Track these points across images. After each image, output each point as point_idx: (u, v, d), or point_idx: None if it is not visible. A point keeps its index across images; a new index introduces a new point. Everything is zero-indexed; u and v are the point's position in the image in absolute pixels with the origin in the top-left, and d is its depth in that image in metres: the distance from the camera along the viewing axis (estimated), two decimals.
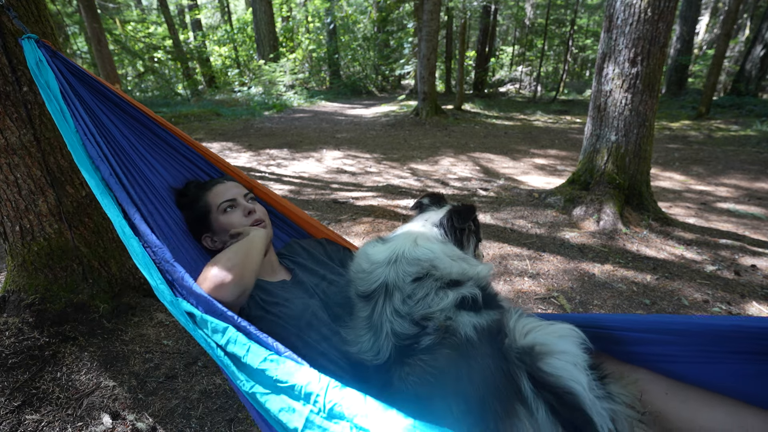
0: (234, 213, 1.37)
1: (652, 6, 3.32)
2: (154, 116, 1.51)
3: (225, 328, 0.91)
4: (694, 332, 0.99)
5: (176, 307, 0.95)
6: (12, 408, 1.67)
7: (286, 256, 1.45)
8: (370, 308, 1.09)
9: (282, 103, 13.43)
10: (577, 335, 0.97)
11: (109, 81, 8.71)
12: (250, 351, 0.87)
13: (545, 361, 0.91)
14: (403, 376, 0.98)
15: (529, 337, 0.97)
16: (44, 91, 1.20)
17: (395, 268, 1.09)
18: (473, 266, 1.14)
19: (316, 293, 1.29)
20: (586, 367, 0.91)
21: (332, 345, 1.14)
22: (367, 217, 4.01)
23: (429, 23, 9.44)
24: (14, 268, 2.07)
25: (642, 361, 1.06)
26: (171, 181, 1.50)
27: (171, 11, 17.21)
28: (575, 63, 24.02)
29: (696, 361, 1.00)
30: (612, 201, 3.71)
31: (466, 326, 1.01)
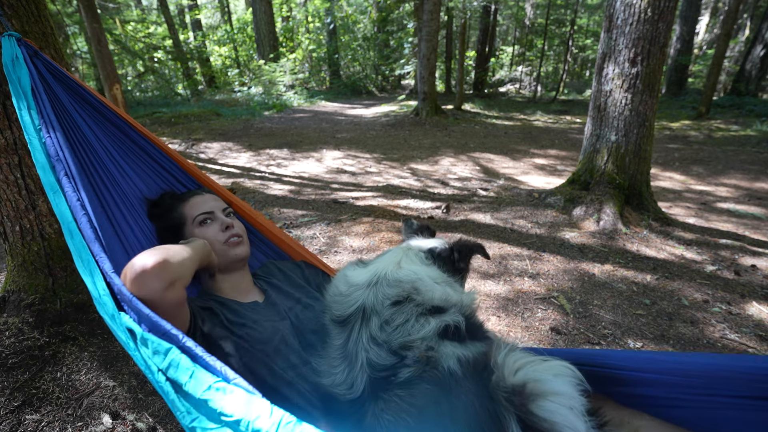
0: (211, 227, 1.29)
1: (652, 6, 3.32)
2: (134, 124, 1.47)
3: (167, 349, 0.80)
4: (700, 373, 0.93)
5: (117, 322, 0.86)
6: (12, 408, 1.67)
7: (261, 277, 1.39)
8: (345, 335, 1.00)
9: (282, 103, 13.43)
10: (574, 374, 0.88)
11: (109, 81, 8.71)
12: (194, 377, 0.76)
13: (537, 403, 0.83)
14: (377, 413, 0.89)
15: (519, 374, 0.88)
16: (14, 87, 1.21)
17: (375, 291, 1.01)
18: (458, 292, 1.06)
19: (288, 317, 1.22)
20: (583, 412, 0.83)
21: (300, 375, 1.07)
22: (367, 217, 4.01)
23: (429, 23, 9.44)
24: (14, 268, 2.07)
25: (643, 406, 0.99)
26: (145, 191, 1.44)
27: (171, 11, 17.21)
28: (575, 63, 24.02)
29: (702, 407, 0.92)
30: (612, 201, 3.71)
31: (449, 358, 0.92)
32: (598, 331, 2.37)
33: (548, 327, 2.40)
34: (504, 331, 2.38)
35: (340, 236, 3.61)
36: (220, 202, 1.39)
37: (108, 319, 0.88)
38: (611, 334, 2.34)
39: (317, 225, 3.88)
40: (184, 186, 1.56)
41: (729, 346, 2.24)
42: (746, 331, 2.37)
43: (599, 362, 1.03)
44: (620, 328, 2.39)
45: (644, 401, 0.99)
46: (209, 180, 1.58)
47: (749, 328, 2.39)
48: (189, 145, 7.69)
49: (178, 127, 9.40)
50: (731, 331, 2.37)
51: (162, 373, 0.80)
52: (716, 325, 2.42)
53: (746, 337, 2.31)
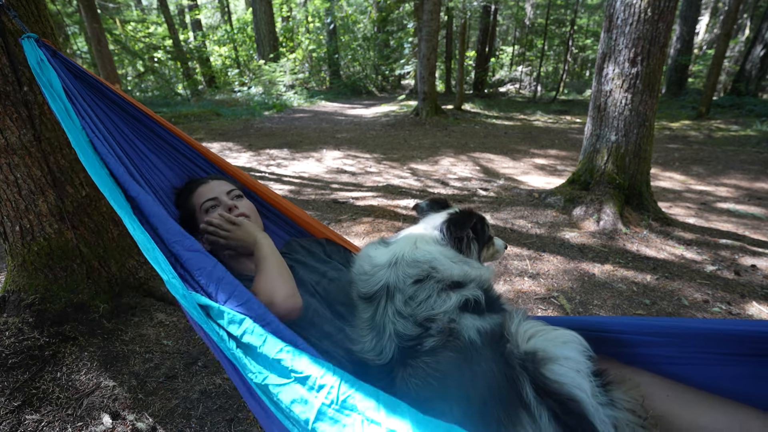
0: (215, 212, 1.34)
1: (652, 6, 3.32)
2: (153, 115, 1.50)
3: (242, 319, 0.91)
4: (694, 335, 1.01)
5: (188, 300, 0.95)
6: (12, 408, 1.67)
7: (285, 254, 1.44)
8: (372, 309, 1.08)
9: (282, 103, 13.43)
10: (580, 341, 0.97)
11: (109, 81, 8.70)
12: (267, 341, 0.88)
13: (548, 367, 0.91)
14: (406, 378, 0.98)
15: (531, 342, 0.96)
16: (47, 90, 1.20)
17: (395, 271, 1.08)
18: (475, 268, 1.13)
19: (317, 291, 1.28)
20: (589, 374, 0.91)
21: (335, 343, 1.13)
22: (367, 217, 4.01)
23: (429, 23, 9.44)
24: (14, 268, 2.07)
25: (643, 364, 1.07)
26: (171, 179, 1.49)
27: (171, 11, 17.21)
28: (575, 63, 24.02)
29: (696, 363, 1.01)
30: (612, 201, 3.71)
31: (469, 329, 1.00)
32: None
33: None
34: None
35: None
36: (226, 185, 1.43)
37: (180, 299, 0.96)
38: None
39: None
40: (205, 171, 1.62)
41: None
42: None
43: (603, 328, 1.12)
44: None
45: (644, 359, 1.08)
46: (230, 166, 1.63)
47: None
48: None
49: (178, 126, 9.33)
50: None
51: (235, 340, 0.91)
52: None
53: None
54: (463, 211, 1.23)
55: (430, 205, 1.34)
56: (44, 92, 1.20)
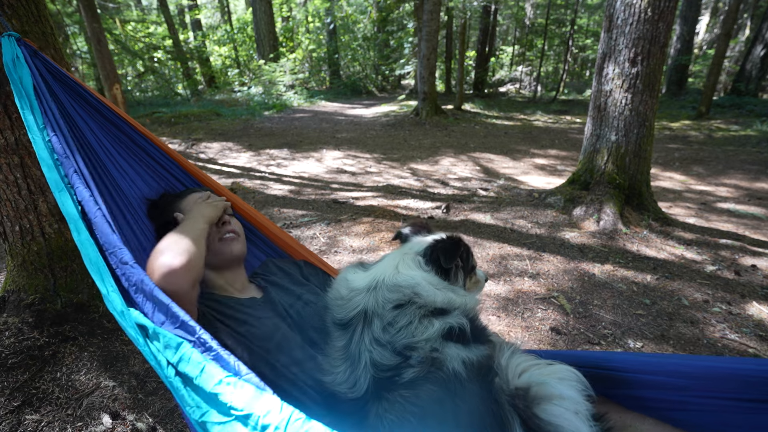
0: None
1: (652, 6, 3.32)
2: (134, 123, 1.47)
3: (179, 343, 0.81)
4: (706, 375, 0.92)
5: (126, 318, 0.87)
6: (12, 408, 1.67)
7: (260, 275, 1.37)
8: (347, 337, 0.99)
9: (282, 103, 13.43)
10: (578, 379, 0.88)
11: (109, 81, 8.71)
12: (205, 371, 0.77)
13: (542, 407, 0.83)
14: (381, 414, 0.88)
15: (524, 377, 0.88)
16: (15, 87, 1.20)
17: (375, 295, 1.00)
18: (460, 296, 1.05)
19: (290, 314, 1.20)
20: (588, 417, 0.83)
21: (304, 371, 1.05)
22: (367, 217, 4.01)
23: (429, 23, 9.44)
24: (14, 268, 2.07)
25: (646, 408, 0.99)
26: (145, 190, 1.44)
27: (171, 11, 17.21)
28: (575, 63, 24.01)
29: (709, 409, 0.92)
30: (612, 201, 3.71)
31: (453, 360, 0.91)
32: (598, 331, 2.37)
33: (548, 327, 2.40)
34: (504, 331, 2.38)
35: (340, 236, 3.61)
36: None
37: (117, 316, 0.89)
38: (611, 334, 2.34)
39: (317, 225, 3.88)
40: (184, 186, 1.55)
41: (729, 347, 2.24)
42: (746, 331, 2.37)
43: (601, 364, 1.03)
44: (620, 328, 2.39)
45: (647, 404, 0.98)
46: (210, 180, 1.57)
47: (749, 328, 2.39)
48: (189, 145, 7.69)
49: (178, 127, 9.40)
50: (731, 331, 2.37)
51: (172, 368, 0.81)
52: (716, 325, 2.42)
53: (746, 338, 2.31)
54: (451, 239, 1.14)
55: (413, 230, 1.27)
56: (12, 88, 1.21)
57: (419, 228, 1.27)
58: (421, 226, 1.28)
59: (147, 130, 1.51)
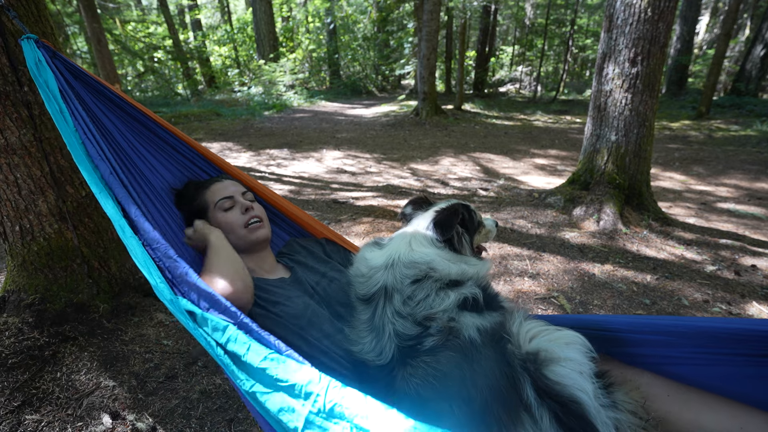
0: (232, 211, 1.35)
1: (652, 6, 3.32)
2: (153, 116, 1.50)
3: (225, 326, 0.90)
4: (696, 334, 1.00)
5: (176, 305, 0.94)
6: (12, 408, 1.67)
7: (286, 255, 1.45)
8: (370, 311, 1.08)
9: (282, 103, 13.43)
10: (582, 342, 0.96)
11: (109, 81, 8.70)
12: (251, 349, 0.86)
13: (550, 368, 0.90)
14: (406, 377, 0.98)
15: (533, 342, 0.95)
16: (43, 91, 1.20)
17: (393, 272, 1.09)
18: (472, 265, 1.13)
19: (317, 291, 1.28)
20: (591, 375, 0.90)
21: (335, 343, 1.13)
22: (367, 217, 4.01)
23: (429, 23, 9.44)
24: (14, 268, 2.07)
25: (645, 364, 1.07)
26: (171, 181, 1.49)
27: (171, 11, 17.20)
28: (575, 63, 24.01)
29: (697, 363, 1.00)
30: (612, 201, 3.71)
31: (469, 328, 1.00)
32: None
33: None
34: None
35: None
36: (240, 187, 1.44)
37: (168, 304, 0.95)
38: None
39: None
40: (207, 174, 1.61)
41: None
42: None
43: (605, 327, 1.11)
44: None
45: (645, 359, 1.07)
46: (230, 167, 1.62)
47: None
48: None
49: (178, 127, 9.39)
50: None
51: (221, 347, 0.89)
52: None
53: None
54: (448, 209, 1.21)
55: (414, 207, 1.34)
56: (41, 93, 1.20)
57: (419, 204, 1.34)
58: (421, 201, 1.35)
59: (167, 123, 1.54)
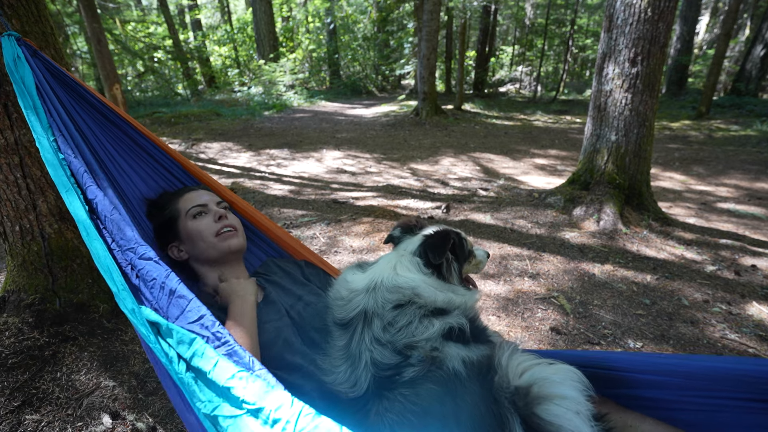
0: (204, 218, 1.28)
1: (652, 6, 3.32)
2: (134, 123, 1.47)
3: (192, 339, 0.83)
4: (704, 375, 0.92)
5: (137, 316, 0.88)
6: (12, 408, 1.67)
7: (261, 275, 1.37)
8: (347, 336, 1.00)
9: (282, 103, 13.43)
10: (580, 379, 0.88)
11: (109, 81, 8.71)
12: (218, 366, 0.78)
13: (543, 406, 0.83)
14: (381, 412, 0.88)
15: (525, 376, 0.88)
16: (18, 87, 1.20)
17: (374, 296, 1.01)
18: (460, 295, 1.06)
19: (290, 315, 1.20)
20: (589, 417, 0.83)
21: (305, 375, 1.05)
22: (367, 217, 4.01)
23: (429, 23, 9.44)
24: (14, 268, 2.07)
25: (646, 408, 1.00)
26: (144, 191, 1.44)
27: (171, 11, 17.20)
28: (575, 63, 24.01)
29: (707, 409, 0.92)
30: (612, 201, 3.71)
31: (453, 359, 0.92)
32: (598, 331, 2.37)
33: (548, 327, 2.40)
34: (504, 331, 2.38)
35: (340, 236, 3.61)
36: (215, 197, 1.38)
37: (128, 313, 0.90)
38: (611, 334, 2.34)
39: (317, 225, 3.88)
40: (183, 184, 1.55)
41: (729, 347, 2.24)
42: (746, 331, 2.37)
43: (601, 364, 1.03)
44: (620, 328, 2.39)
45: (646, 403, 0.99)
46: (210, 179, 1.56)
47: (749, 328, 2.39)
48: (189, 145, 7.70)
49: (178, 127, 9.40)
50: (731, 331, 2.37)
51: (184, 363, 0.82)
52: (716, 325, 2.42)
53: (746, 338, 2.31)
54: (439, 234, 1.14)
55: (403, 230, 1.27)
56: (15, 88, 1.20)
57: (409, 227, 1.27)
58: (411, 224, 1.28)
59: (147, 130, 1.50)
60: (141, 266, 0.95)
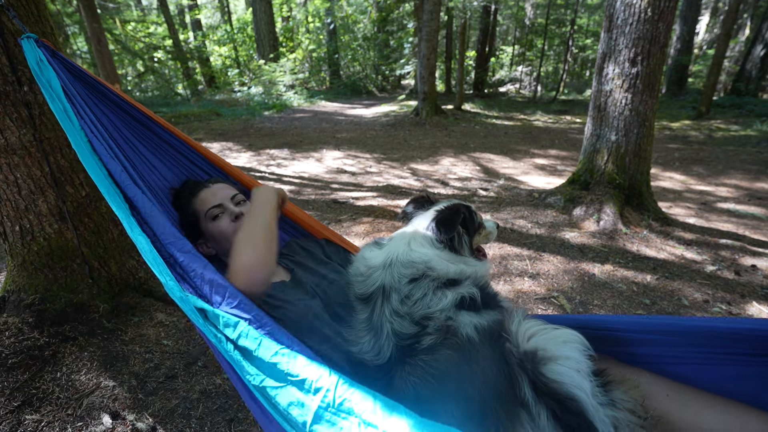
0: (222, 220, 1.33)
1: (652, 6, 3.32)
2: (153, 115, 1.50)
3: (236, 322, 0.91)
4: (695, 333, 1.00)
5: (186, 303, 0.95)
6: (12, 408, 1.67)
7: (286, 256, 1.44)
8: (369, 310, 1.09)
9: (282, 103, 13.43)
10: (580, 341, 0.96)
11: (109, 81, 8.70)
12: (262, 345, 0.88)
13: (548, 366, 0.90)
14: (404, 376, 0.98)
15: (531, 341, 0.96)
16: (46, 90, 1.20)
17: (390, 271, 1.09)
18: (471, 266, 1.14)
19: (317, 294, 1.27)
20: (589, 373, 0.91)
21: (334, 346, 1.13)
22: (367, 217, 4.01)
23: (429, 23, 9.44)
24: (14, 268, 2.07)
25: (644, 363, 1.06)
26: (171, 180, 1.49)
27: (171, 11, 17.20)
28: (575, 63, 24.00)
29: (697, 362, 1.00)
30: (612, 201, 3.71)
31: (466, 326, 1.00)
32: None
33: None
34: None
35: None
36: (230, 190, 1.40)
37: (178, 301, 0.97)
38: None
39: None
40: (206, 173, 1.61)
41: None
42: None
43: (604, 326, 1.10)
44: None
45: (644, 359, 1.06)
46: (229, 165, 1.62)
47: None
48: None
49: (178, 127, 9.36)
50: None
51: (232, 343, 0.91)
52: None
53: None
54: (449, 209, 1.21)
55: (415, 206, 1.34)
56: (44, 92, 1.20)
57: (421, 203, 1.34)
58: (422, 200, 1.35)
59: (166, 122, 1.54)
60: (182, 258, 1.02)
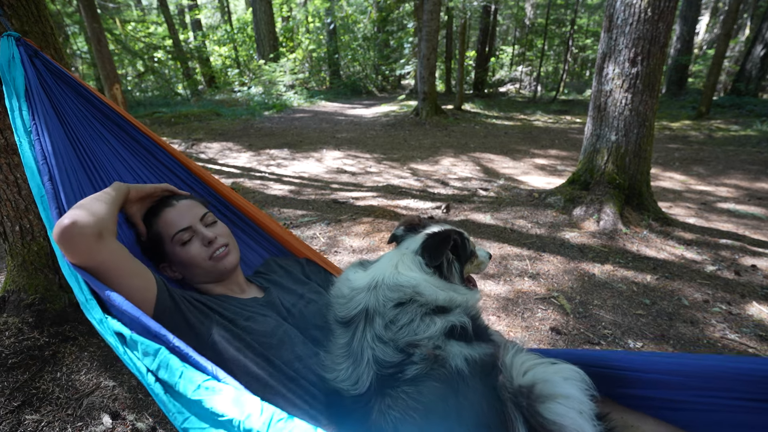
0: (192, 245, 1.20)
1: (652, 6, 3.32)
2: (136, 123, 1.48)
3: (156, 350, 0.79)
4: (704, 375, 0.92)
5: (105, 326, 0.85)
6: (12, 408, 1.67)
7: (262, 274, 1.37)
8: (349, 334, 1.00)
9: (282, 103, 13.43)
10: (582, 378, 0.88)
11: (109, 81, 8.71)
12: (183, 377, 0.75)
13: (546, 405, 0.83)
14: (384, 410, 0.88)
15: (528, 375, 0.89)
16: (7, 88, 1.20)
17: (375, 294, 1.01)
18: (461, 294, 1.06)
19: (292, 314, 1.19)
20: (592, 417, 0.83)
21: (306, 366, 1.05)
22: (367, 217, 4.01)
23: (429, 23, 9.44)
24: (14, 268, 2.07)
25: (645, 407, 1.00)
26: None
27: (171, 11, 17.19)
28: (575, 63, 24.00)
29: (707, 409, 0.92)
30: (612, 201, 3.71)
31: (456, 357, 0.91)
32: (598, 331, 2.37)
33: (548, 327, 2.40)
34: (504, 331, 2.37)
35: (340, 236, 3.61)
36: (199, 209, 1.26)
37: (96, 324, 0.87)
38: (611, 334, 2.34)
39: (317, 225, 3.88)
40: (186, 184, 1.55)
41: (729, 346, 2.24)
42: (746, 331, 2.37)
43: (603, 363, 1.03)
44: (620, 328, 2.39)
45: (646, 402, 0.99)
46: (211, 178, 1.57)
47: (749, 328, 2.39)
48: (189, 145, 7.69)
49: (178, 127, 9.39)
50: (731, 331, 2.37)
51: (152, 375, 0.80)
52: (716, 325, 2.42)
53: (746, 337, 2.31)
54: (439, 234, 1.14)
55: (406, 228, 1.26)
56: (4, 89, 1.21)
57: (412, 226, 1.27)
58: (414, 223, 1.28)
59: (149, 130, 1.52)
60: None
